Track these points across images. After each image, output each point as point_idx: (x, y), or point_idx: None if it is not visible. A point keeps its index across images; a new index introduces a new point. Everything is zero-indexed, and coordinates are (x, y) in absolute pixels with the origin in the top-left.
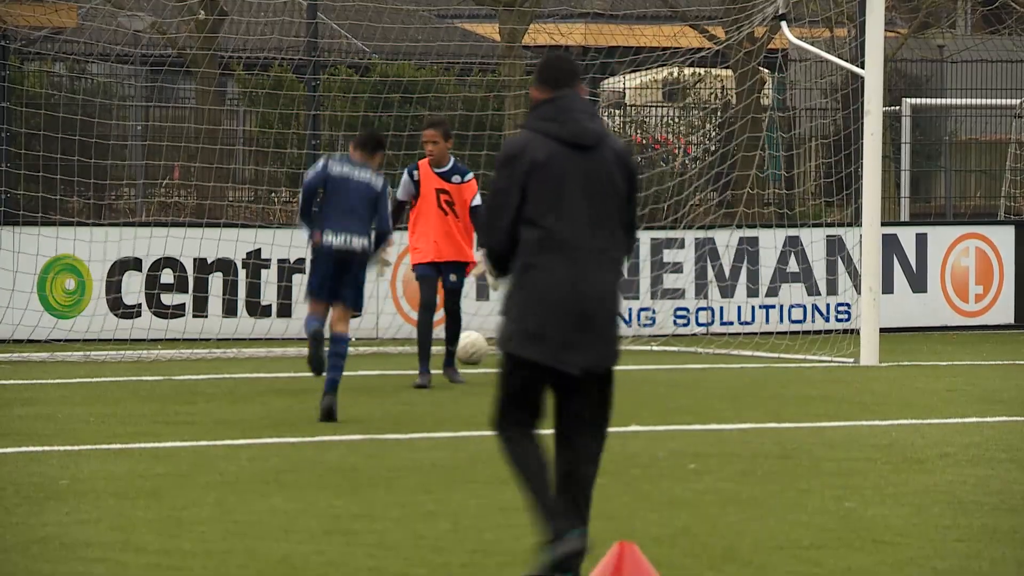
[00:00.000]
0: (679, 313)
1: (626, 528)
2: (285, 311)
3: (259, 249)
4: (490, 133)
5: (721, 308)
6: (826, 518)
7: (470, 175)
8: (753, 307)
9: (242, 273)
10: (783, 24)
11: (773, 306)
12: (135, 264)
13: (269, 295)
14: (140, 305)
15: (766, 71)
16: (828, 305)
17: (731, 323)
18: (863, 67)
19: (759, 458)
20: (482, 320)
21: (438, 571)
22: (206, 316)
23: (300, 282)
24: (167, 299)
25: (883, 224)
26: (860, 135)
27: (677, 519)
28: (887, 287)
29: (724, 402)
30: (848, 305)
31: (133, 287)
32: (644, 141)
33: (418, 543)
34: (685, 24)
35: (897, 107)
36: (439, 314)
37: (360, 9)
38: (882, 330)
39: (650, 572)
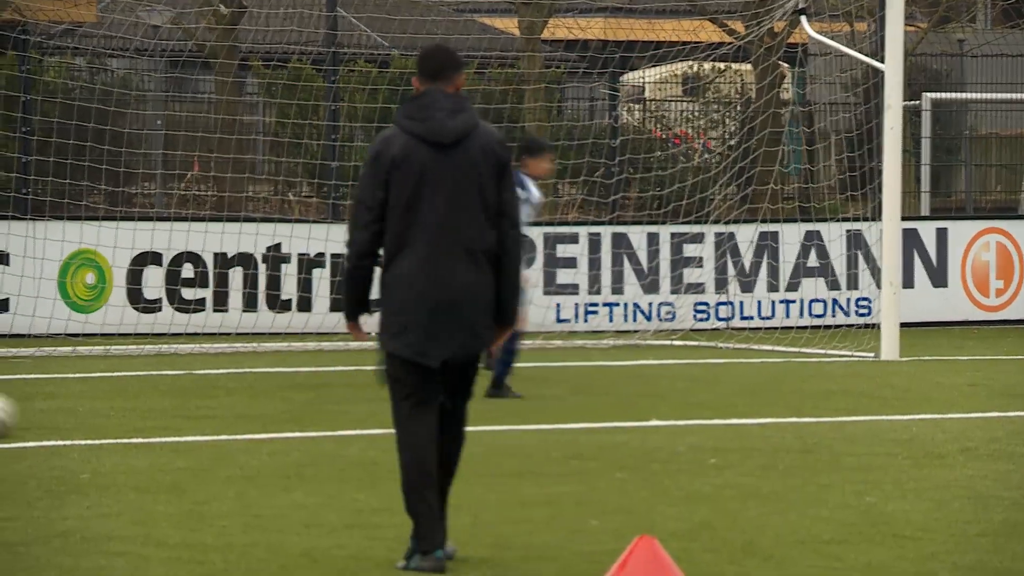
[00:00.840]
0: (699, 308)
1: (646, 523)
2: (305, 305)
3: (279, 243)
4: (508, 126)
5: (741, 303)
6: (847, 513)
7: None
8: (773, 302)
9: (262, 267)
10: (803, 19)
11: (793, 301)
12: (155, 258)
13: (289, 289)
14: (160, 299)
15: (786, 66)
16: (848, 300)
17: (751, 317)
18: (883, 61)
19: (779, 453)
20: None
21: (458, 565)
22: (226, 310)
23: (319, 276)
24: (187, 293)
25: (903, 219)
26: (881, 130)
27: (697, 514)
28: (907, 282)
29: (744, 397)
30: (868, 300)
31: (153, 281)
32: (664, 136)
33: None
34: (705, 19)
35: (917, 102)
36: None
37: (379, 3)
38: (902, 325)
39: (670, 566)
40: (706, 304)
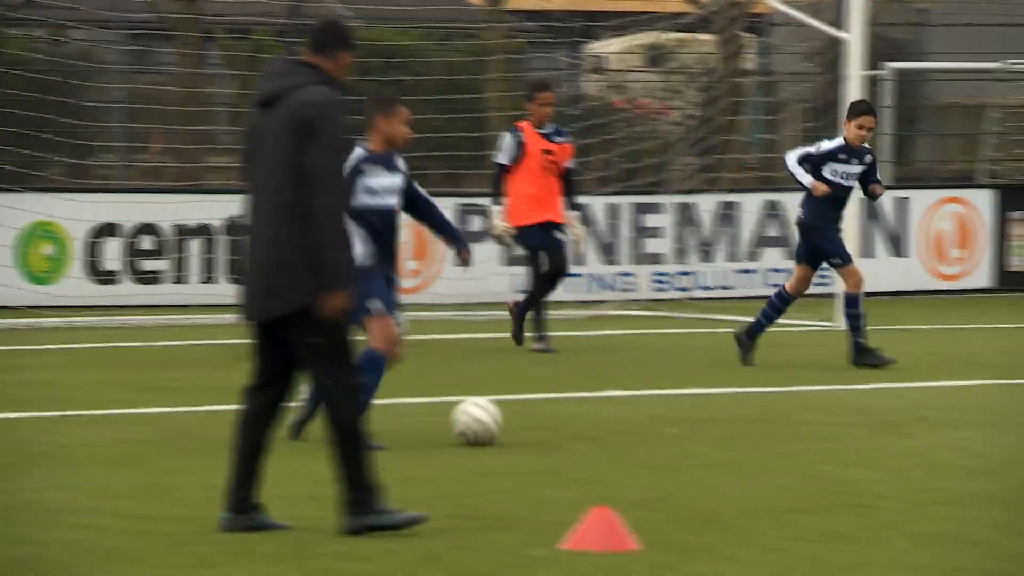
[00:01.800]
0: (658, 278)
1: (606, 493)
2: None
3: (240, 214)
4: (471, 97)
5: (701, 273)
6: (806, 482)
7: (569, 136)
8: (733, 272)
9: (222, 238)
10: None
11: (754, 271)
12: (114, 230)
13: None
14: (119, 271)
15: (748, 36)
16: None
17: (711, 287)
18: (845, 31)
19: (739, 423)
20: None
21: (416, 534)
22: (186, 282)
23: None
24: (146, 264)
25: None
26: (843, 100)
27: (657, 484)
28: (867, 251)
29: (703, 367)
30: (827, 269)
31: (112, 253)
32: (626, 106)
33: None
34: None
35: (879, 71)
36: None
37: None
38: None
39: (625, 536)
40: (666, 274)
